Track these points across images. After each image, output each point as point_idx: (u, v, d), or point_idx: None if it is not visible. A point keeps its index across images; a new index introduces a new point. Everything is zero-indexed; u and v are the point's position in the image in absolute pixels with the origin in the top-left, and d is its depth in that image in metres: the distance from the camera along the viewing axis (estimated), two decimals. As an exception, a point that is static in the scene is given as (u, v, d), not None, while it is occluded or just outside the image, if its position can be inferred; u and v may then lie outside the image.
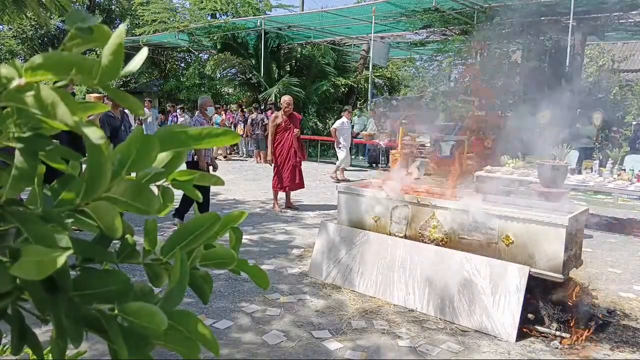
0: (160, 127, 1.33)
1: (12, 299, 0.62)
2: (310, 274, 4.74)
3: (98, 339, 0.65)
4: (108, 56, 0.56)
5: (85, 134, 0.54)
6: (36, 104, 0.53)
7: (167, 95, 22.36)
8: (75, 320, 0.61)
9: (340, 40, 19.65)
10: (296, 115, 7.96)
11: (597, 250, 5.91)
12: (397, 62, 25.50)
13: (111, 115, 6.61)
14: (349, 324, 3.72)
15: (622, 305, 4.21)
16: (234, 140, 0.66)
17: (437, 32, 15.79)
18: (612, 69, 16.64)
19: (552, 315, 3.59)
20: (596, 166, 7.77)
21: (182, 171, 0.72)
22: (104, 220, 0.61)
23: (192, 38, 19.95)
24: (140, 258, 0.71)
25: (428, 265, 4.02)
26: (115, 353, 0.61)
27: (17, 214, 0.58)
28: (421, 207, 4.24)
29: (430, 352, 3.33)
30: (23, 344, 0.67)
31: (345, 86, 19.93)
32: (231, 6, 20.65)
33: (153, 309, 0.58)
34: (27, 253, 0.54)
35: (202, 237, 0.69)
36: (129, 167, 0.60)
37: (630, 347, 3.47)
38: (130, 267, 3.78)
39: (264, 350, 3.30)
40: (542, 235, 3.61)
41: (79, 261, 0.67)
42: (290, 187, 7.82)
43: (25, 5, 7.51)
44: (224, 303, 4.07)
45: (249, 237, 6.06)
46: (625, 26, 13.39)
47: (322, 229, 4.80)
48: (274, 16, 18.37)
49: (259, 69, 18.15)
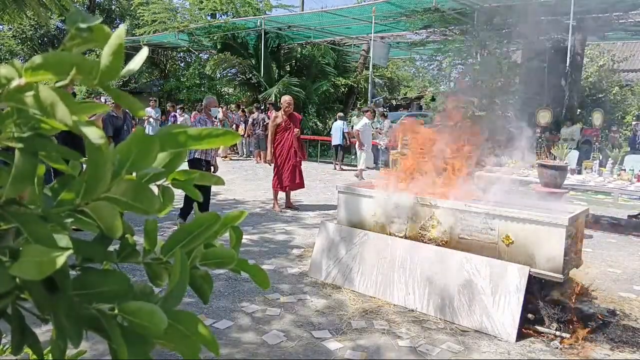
0: (161, 127, 1.33)
1: (12, 299, 0.62)
2: (310, 273, 4.74)
3: (98, 338, 0.65)
4: (108, 56, 0.56)
5: (85, 134, 0.54)
6: (36, 104, 0.53)
7: (167, 95, 22.36)
8: (75, 320, 0.61)
9: (340, 40, 19.65)
10: (296, 115, 7.96)
11: (597, 250, 5.91)
12: (397, 62, 25.53)
13: (114, 115, 6.64)
14: (349, 324, 3.73)
15: (622, 305, 4.21)
16: (234, 141, 0.66)
17: (437, 32, 15.79)
18: (612, 69, 16.63)
19: (552, 315, 3.59)
20: (596, 166, 7.77)
21: (182, 171, 0.72)
22: (104, 220, 0.62)
23: (192, 38, 19.95)
24: (140, 258, 0.71)
25: (428, 265, 4.02)
26: (115, 353, 0.61)
27: (17, 214, 0.59)
28: (421, 207, 4.24)
29: (430, 352, 3.33)
30: (23, 343, 0.68)
31: (345, 86, 19.93)
32: (231, 6, 20.64)
33: (153, 308, 0.58)
34: (27, 253, 0.55)
35: (202, 236, 0.70)
36: (129, 167, 0.60)
37: (630, 347, 3.47)
38: (131, 267, 3.78)
39: (264, 350, 3.30)
40: (542, 235, 3.61)
41: (79, 261, 0.67)
42: (290, 187, 7.82)
43: (26, 4, 7.51)
44: (224, 303, 4.07)
45: (249, 237, 6.06)
46: (625, 26, 13.39)
47: (322, 228, 4.81)
48: (274, 16, 18.38)
49: (259, 69, 18.15)
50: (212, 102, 6.75)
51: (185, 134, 0.63)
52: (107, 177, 0.58)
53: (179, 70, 25.07)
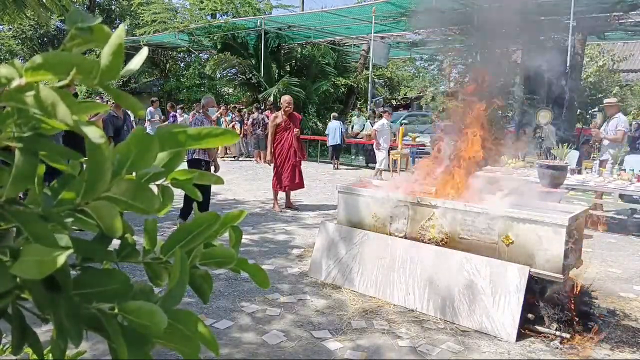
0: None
1: (13, 298, 0.62)
2: (310, 273, 4.74)
3: (98, 338, 0.65)
4: (108, 56, 0.56)
5: (85, 134, 0.55)
6: (36, 103, 0.53)
7: (167, 95, 22.36)
8: (75, 320, 0.61)
9: (340, 40, 19.65)
10: (296, 115, 7.96)
11: (597, 250, 5.91)
12: (397, 62, 25.51)
13: (114, 115, 6.66)
14: (349, 323, 3.73)
15: (622, 305, 4.21)
16: (233, 140, 0.66)
17: (437, 32, 15.76)
18: (612, 69, 16.63)
19: (552, 315, 3.59)
20: (596, 166, 7.77)
21: (182, 170, 0.72)
22: (104, 219, 0.62)
23: (192, 38, 19.95)
24: (140, 257, 0.71)
25: (428, 265, 4.02)
26: (115, 352, 0.61)
27: (18, 213, 0.59)
28: (421, 207, 4.24)
29: (430, 352, 3.33)
30: (23, 343, 0.68)
31: (345, 86, 19.93)
32: (231, 6, 20.65)
33: (153, 308, 0.59)
34: (27, 252, 0.55)
35: (202, 236, 0.70)
36: (129, 167, 0.60)
37: (630, 347, 3.47)
38: (131, 267, 3.78)
39: (264, 350, 3.31)
40: (542, 235, 3.60)
41: (79, 260, 0.67)
42: (290, 187, 7.82)
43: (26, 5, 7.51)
44: (224, 303, 4.07)
45: (249, 237, 6.06)
46: (625, 26, 13.39)
47: (322, 228, 4.81)
48: (274, 16, 18.38)
49: (259, 69, 18.15)
50: (210, 101, 6.74)
51: (185, 134, 0.63)
52: (107, 177, 0.58)
53: (179, 70, 25.07)
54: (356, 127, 16.12)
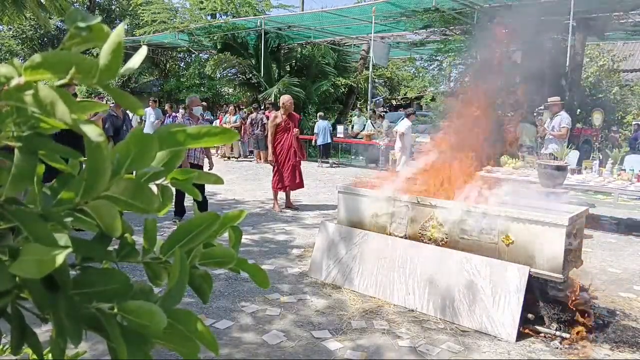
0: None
1: (12, 298, 0.62)
2: (310, 273, 4.74)
3: (98, 338, 0.65)
4: (107, 55, 0.56)
5: (85, 133, 0.54)
6: (35, 103, 0.53)
7: (167, 95, 22.35)
8: (75, 319, 0.61)
9: (340, 40, 19.63)
10: (295, 115, 7.96)
11: (597, 250, 5.91)
12: (397, 62, 25.50)
13: (114, 115, 6.66)
14: (349, 324, 3.72)
15: (622, 305, 4.21)
16: (232, 139, 0.66)
17: (437, 32, 15.77)
18: (612, 69, 16.62)
19: (552, 315, 3.59)
20: (596, 166, 7.77)
21: (181, 170, 0.72)
22: (104, 219, 0.62)
23: (192, 38, 19.93)
24: (139, 257, 0.71)
25: (428, 265, 4.02)
26: (114, 352, 0.61)
27: (17, 212, 0.59)
28: (421, 207, 4.24)
29: (430, 352, 3.33)
30: (23, 343, 0.68)
31: (345, 86, 19.93)
32: (231, 6, 20.63)
33: (152, 307, 0.58)
34: (26, 252, 0.55)
35: (202, 236, 0.70)
36: (128, 166, 0.60)
37: (630, 347, 3.47)
38: (130, 267, 3.78)
39: (264, 350, 3.30)
40: (542, 235, 3.60)
41: (79, 260, 0.67)
42: (290, 187, 7.82)
43: (25, 6, 7.51)
44: (224, 303, 4.07)
45: (249, 237, 6.06)
46: (625, 26, 13.38)
47: (322, 228, 4.80)
48: (274, 16, 18.35)
49: (259, 69, 18.14)
50: (195, 101, 6.74)
51: (184, 133, 0.63)
52: (106, 176, 0.58)
53: (179, 70, 25.06)
54: (356, 127, 16.12)
